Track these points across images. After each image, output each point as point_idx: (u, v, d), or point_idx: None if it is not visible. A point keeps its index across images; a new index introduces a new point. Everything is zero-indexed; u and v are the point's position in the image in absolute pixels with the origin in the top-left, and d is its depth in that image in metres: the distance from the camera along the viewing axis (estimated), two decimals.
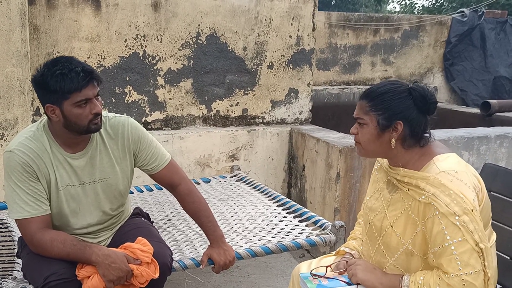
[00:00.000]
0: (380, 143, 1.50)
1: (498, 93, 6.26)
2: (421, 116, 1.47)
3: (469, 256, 1.34)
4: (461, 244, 1.34)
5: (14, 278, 1.91)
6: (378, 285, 1.51)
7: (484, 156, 3.45)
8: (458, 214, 1.34)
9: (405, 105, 1.45)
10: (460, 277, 1.33)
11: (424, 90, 1.46)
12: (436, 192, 1.37)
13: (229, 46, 3.49)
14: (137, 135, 1.92)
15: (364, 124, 1.51)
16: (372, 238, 1.61)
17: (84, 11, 3.06)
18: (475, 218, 1.34)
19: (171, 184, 2.02)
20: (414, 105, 1.46)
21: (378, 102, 1.48)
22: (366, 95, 1.52)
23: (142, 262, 1.73)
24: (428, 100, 1.46)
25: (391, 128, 1.47)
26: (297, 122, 3.82)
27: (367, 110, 1.49)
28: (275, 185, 3.69)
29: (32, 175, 1.72)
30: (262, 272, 3.06)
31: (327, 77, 5.79)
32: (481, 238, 1.34)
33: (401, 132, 1.46)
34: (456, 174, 1.39)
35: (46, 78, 1.65)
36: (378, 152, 1.54)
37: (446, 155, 1.48)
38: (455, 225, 1.34)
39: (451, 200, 1.35)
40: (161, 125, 3.41)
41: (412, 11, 17.73)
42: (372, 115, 1.48)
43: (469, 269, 1.33)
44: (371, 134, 1.50)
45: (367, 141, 1.52)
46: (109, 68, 3.19)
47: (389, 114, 1.46)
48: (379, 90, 1.49)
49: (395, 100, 1.46)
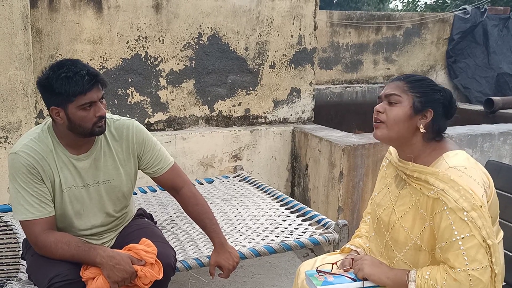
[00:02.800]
0: (407, 125, 1.49)
1: (502, 90, 6.24)
2: (443, 116, 1.51)
3: (476, 252, 1.34)
4: (469, 239, 1.34)
5: (19, 279, 1.92)
6: (385, 279, 1.51)
7: (487, 153, 3.44)
8: (467, 209, 1.34)
9: (437, 98, 1.50)
10: (467, 272, 1.34)
11: (451, 95, 1.53)
12: (445, 188, 1.38)
13: (231, 46, 3.49)
14: (142, 138, 1.93)
15: (398, 102, 1.50)
16: (380, 234, 1.61)
17: (86, 14, 3.07)
18: (483, 214, 1.35)
19: (174, 187, 2.02)
20: (442, 103, 1.50)
21: (417, 85, 1.51)
22: (404, 77, 1.54)
23: (146, 263, 1.74)
24: (453, 104, 1.52)
25: (422, 114, 1.49)
26: (299, 121, 3.82)
27: (405, 89, 1.50)
28: (278, 185, 3.70)
29: (37, 176, 1.73)
30: (266, 271, 3.06)
31: (329, 76, 5.79)
32: (489, 234, 1.35)
33: (429, 122, 1.49)
34: (466, 170, 1.40)
35: (51, 81, 1.66)
36: (400, 134, 1.50)
37: (456, 151, 1.49)
38: (463, 220, 1.35)
39: (460, 196, 1.36)
40: (163, 126, 3.42)
41: (414, 9, 17.69)
42: (410, 95, 1.49)
43: (476, 265, 1.33)
44: (404, 113, 1.48)
45: (395, 120, 1.49)
46: (111, 69, 3.20)
47: (425, 99, 1.48)
48: (417, 76, 1.55)
49: (432, 89, 1.51)
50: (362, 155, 3.04)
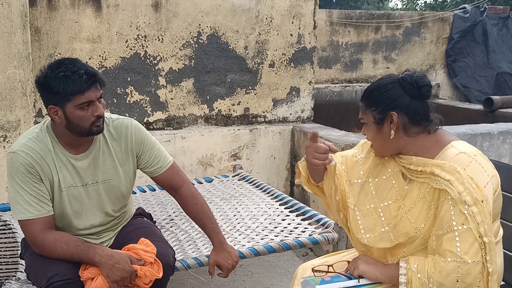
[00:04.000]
0: (383, 137, 1.52)
1: (501, 89, 6.23)
2: (416, 102, 1.49)
3: (470, 246, 1.34)
4: (465, 232, 1.34)
5: (17, 279, 1.92)
6: (380, 275, 1.52)
7: (487, 153, 3.44)
8: (468, 203, 1.35)
9: (395, 95, 1.48)
10: (457, 263, 1.34)
11: (412, 77, 1.48)
12: (452, 179, 1.38)
13: (230, 45, 3.49)
14: (141, 137, 1.93)
15: (366, 123, 1.55)
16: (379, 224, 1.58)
17: (85, 12, 3.06)
18: (484, 210, 1.35)
19: (173, 187, 2.02)
20: (405, 93, 1.48)
21: (370, 98, 1.53)
22: (362, 96, 1.57)
23: (146, 262, 1.73)
24: (416, 85, 1.47)
25: (387, 120, 1.49)
26: (299, 120, 3.82)
27: (364, 109, 1.54)
28: (277, 184, 3.69)
29: (35, 176, 1.73)
30: (266, 270, 3.06)
31: (329, 75, 5.78)
32: (486, 231, 1.34)
33: (399, 121, 1.48)
34: (475, 157, 1.42)
35: (50, 80, 1.65)
36: (387, 146, 1.55)
37: (460, 141, 1.50)
38: (463, 213, 1.35)
39: (464, 189, 1.36)
40: (163, 125, 3.41)
41: (414, 8, 17.69)
42: (368, 113, 1.53)
43: (468, 258, 1.33)
44: (373, 131, 1.54)
45: (373, 139, 1.56)
46: (111, 68, 3.19)
47: (381, 107, 1.49)
48: (370, 88, 1.55)
49: (385, 93, 1.50)
50: None
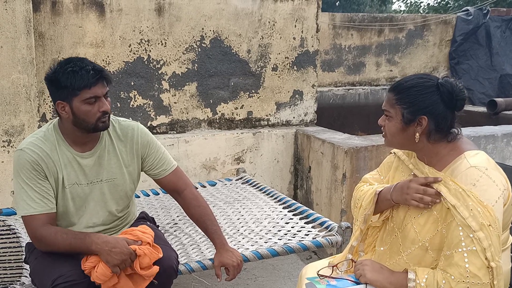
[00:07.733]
0: (404, 136, 1.50)
1: (505, 91, 6.21)
2: (448, 112, 1.46)
3: (479, 268, 1.33)
4: (474, 254, 1.33)
5: (22, 283, 1.92)
6: (387, 284, 1.50)
7: (491, 155, 3.39)
8: (475, 229, 1.33)
9: (431, 100, 1.45)
10: (466, 284, 1.33)
11: (453, 86, 1.45)
12: (457, 204, 1.37)
13: (233, 49, 3.50)
14: (146, 140, 1.98)
15: (390, 116, 1.52)
16: (391, 230, 1.59)
17: (89, 17, 3.08)
18: (491, 234, 1.33)
19: (176, 190, 2.05)
20: (441, 101, 1.45)
21: (404, 95, 1.48)
22: (394, 87, 1.53)
23: (143, 242, 1.74)
24: (455, 97, 1.45)
25: (415, 122, 1.47)
26: (302, 123, 3.82)
27: (394, 103, 1.50)
28: (281, 187, 3.69)
29: (41, 173, 1.76)
30: (269, 274, 3.06)
31: (332, 78, 5.78)
32: (493, 256, 1.33)
33: (426, 127, 1.46)
34: (486, 171, 1.40)
35: (58, 75, 1.73)
36: (403, 144, 1.55)
37: (476, 151, 1.48)
38: (470, 237, 1.34)
39: (469, 214, 1.34)
40: (166, 129, 3.42)
41: (417, 10, 17.69)
42: (397, 108, 1.49)
43: (476, 280, 1.32)
44: (396, 127, 1.50)
45: (392, 133, 1.53)
46: (114, 73, 3.20)
47: (415, 108, 1.46)
48: (406, 84, 1.50)
49: (422, 95, 1.46)
50: (365, 157, 3.04)
